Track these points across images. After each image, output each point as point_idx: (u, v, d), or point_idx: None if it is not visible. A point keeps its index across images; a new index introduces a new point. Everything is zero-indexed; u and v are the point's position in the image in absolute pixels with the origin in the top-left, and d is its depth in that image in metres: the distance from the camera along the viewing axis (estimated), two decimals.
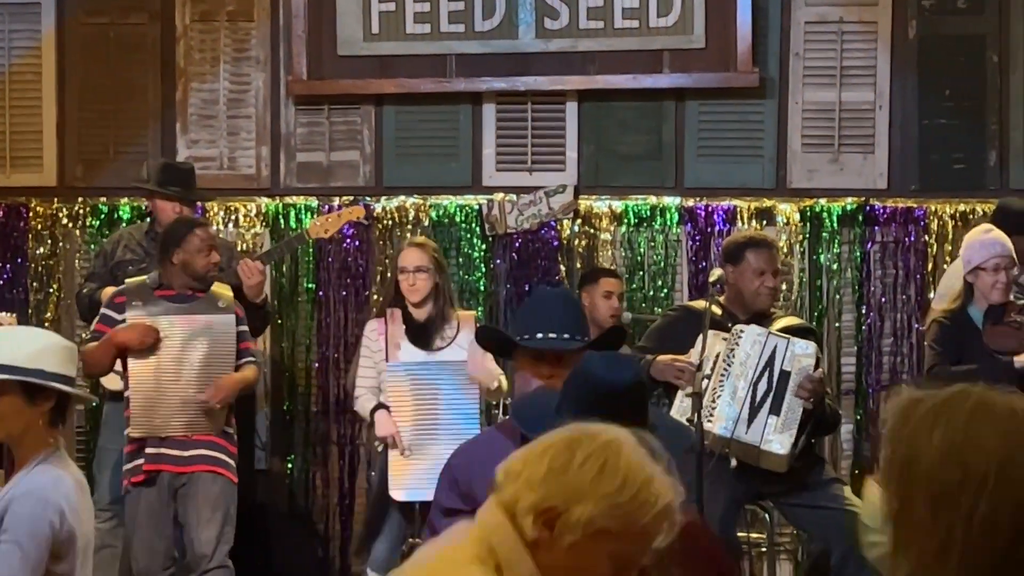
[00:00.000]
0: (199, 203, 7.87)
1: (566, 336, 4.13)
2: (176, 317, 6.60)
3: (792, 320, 6.49)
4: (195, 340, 6.59)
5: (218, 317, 6.65)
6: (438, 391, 6.74)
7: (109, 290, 6.99)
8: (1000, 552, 2.04)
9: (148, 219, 7.66)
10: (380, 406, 6.77)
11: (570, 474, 2.37)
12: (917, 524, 2.08)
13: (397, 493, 6.63)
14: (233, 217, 8.39)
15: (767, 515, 6.66)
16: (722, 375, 6.04)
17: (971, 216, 7.86)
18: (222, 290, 6.77)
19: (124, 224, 8.21)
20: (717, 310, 6.11)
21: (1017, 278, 6.90)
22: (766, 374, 6.05)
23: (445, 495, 3.98)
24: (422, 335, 6.81)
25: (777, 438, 5.95)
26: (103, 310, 6.74)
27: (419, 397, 6.70)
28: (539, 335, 4.13)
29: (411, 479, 6.60)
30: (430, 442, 6.61)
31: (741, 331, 6.11)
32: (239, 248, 8.21)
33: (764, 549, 6.95)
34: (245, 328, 6.76)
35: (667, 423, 3.88)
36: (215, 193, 8.18)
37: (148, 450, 6.52)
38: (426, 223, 8.28)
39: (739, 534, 6.45)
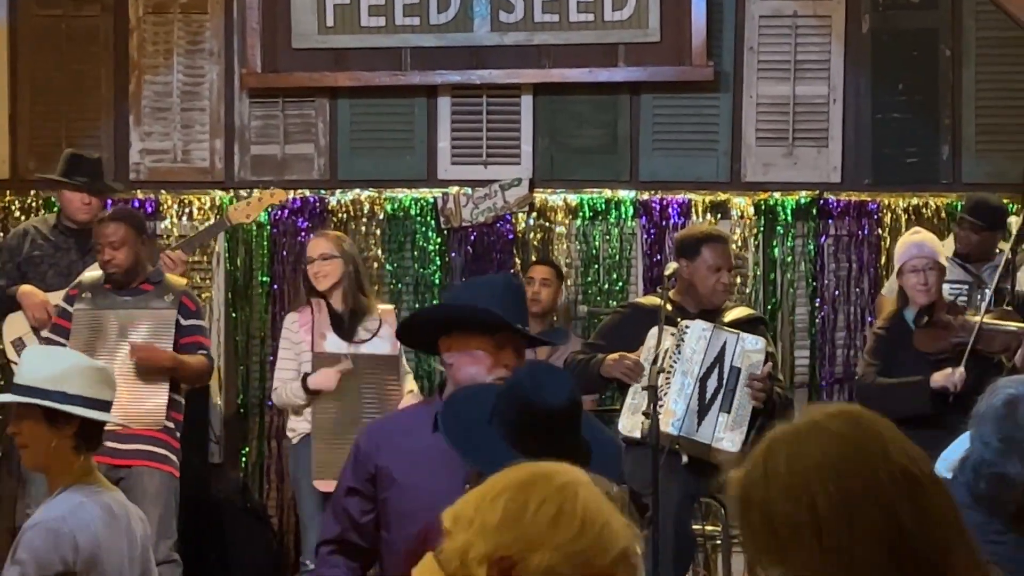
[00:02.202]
0: (110, 196, 7.79)
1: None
2: (119, 311, 6.57)
3: (743, 311, 6.50)
4: (133, 333, 6.55)
5: (158, 312, 6.61)
6: (361, 382, 6.76)
7: (27, 288, 6.97)
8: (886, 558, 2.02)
9: (57, 212, 7.57)
10: (306, 375, 6.74)
11: (525, 521, 2.24)
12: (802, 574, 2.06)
13: (321, 484, 6.61)
14: (187, 210, 8.36)
15: (722, 508, 6.68)
16: (669, 371, 6.04)
17: (924, 210, 7.89)
18: (174, 282, 6.73)
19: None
20: (668, 305, 6.10)
21: (981, 274, 6.94)
22: (716, 370, 6.05)
23: (350, 474, 3.94)
24: (344, 326, 6.81)
25: (728, 436, 5.95)
26: (60, 303, 6.72)
27: (344, 387, 6.70)
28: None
29: (335, 469, 6.57)
30: (354, 432, 6.60)
31: (687, 326, 6.12)
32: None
33: (719, 541, 6.97)
34: (197, 322, 6.72)
35: (599, 436, 3.72)
36: (169, 186, 8.17)
37: None
38: (381, 216, 8.26)
39: (694, 527, 6.46)
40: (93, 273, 6.76)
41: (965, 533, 2.07)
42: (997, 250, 6.88)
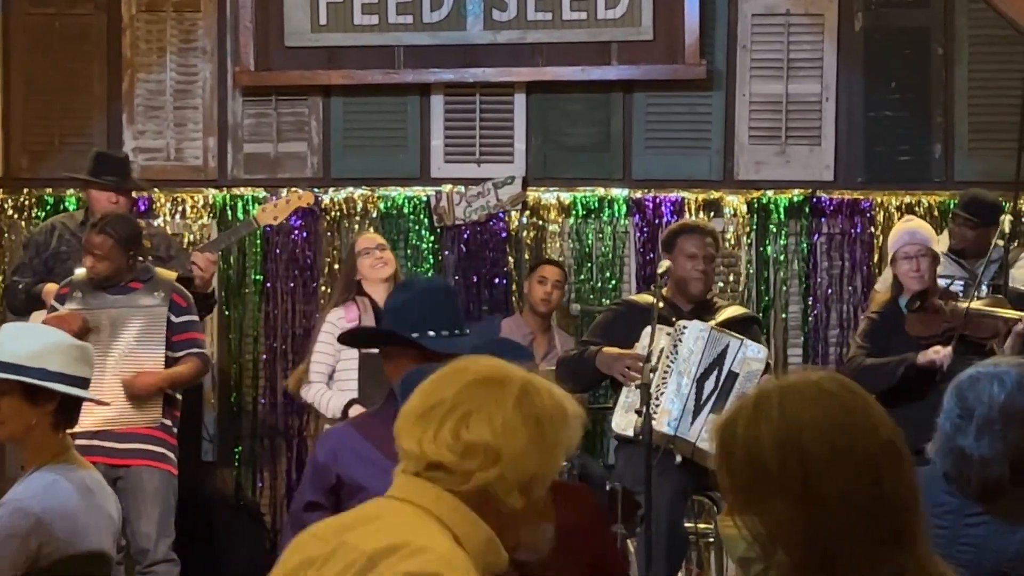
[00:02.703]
0: (137, 193, 7.80)
1: (456, 332, 3.94)
2: (110, 310, 6.57)
3: (736, 310, 6.51)
4: (124, 332, 6.55)
5: (149, 309, 6.61)
6: None
7: (53, 286, 6.95)
8: (863, 522, 2.08)
9: (84, 209, 7.59)
10: (352, 402, 6.72)
11: (547, 433, 2.35)
12: (780, 521, 2.10)
13: None
14: (180, 208, 8.36)
15: (715, 505, 6.68)
16: (666, 371, 6.05)
17: (916, 208, 7.90)
18: (165, 278, 6.72)
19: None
20: (660, 304, 6.11)
21: (976, 269, 6.95)
22: (714, 372, 6.06)
23: (308, 488, 3.92)
24: None
25: None
26: (52, 302, 6.71)
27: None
28: (431, 333, 3.91)
29: None
30: None
31: (684, 327, 6.13)
32: (186, 240, 8.19)
33: (712, 540, 6.98)
34: (189, 318, 6.70)
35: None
36: (162, 184, 8.17)
37: (77, 441, 6.48)
38: (374, 214, 8.26)
39: (687, 524, 6.47)
40: (83, 271, 6.76)
41: (924, 515, 2.15)
42: (993, 245, 6.89)
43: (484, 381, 2.37)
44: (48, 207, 8.37)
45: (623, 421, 6.00)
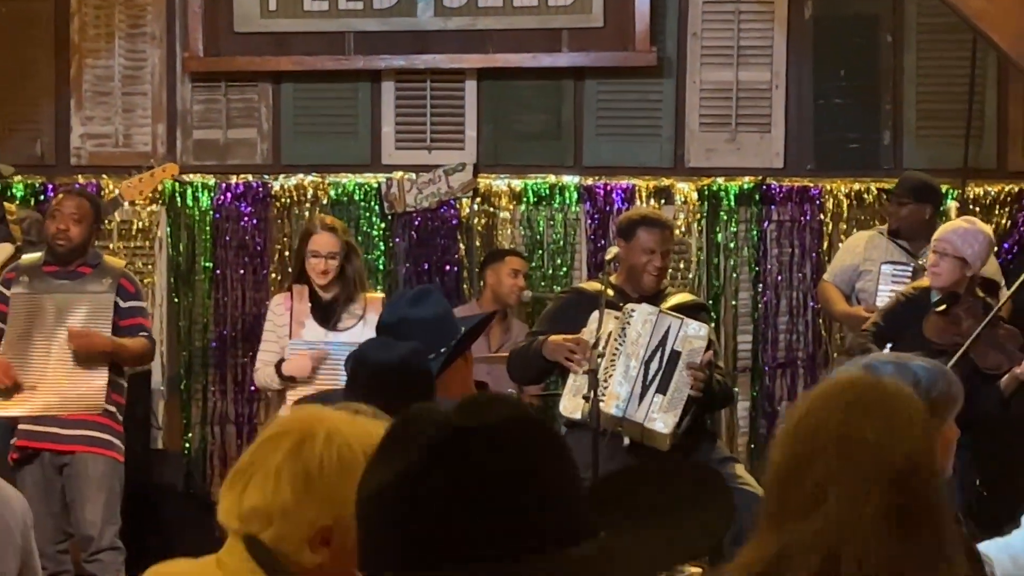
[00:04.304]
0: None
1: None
2: (56, 295, 6.53)
3: (685, 297, 6.51)
4: (69, 318, 6.52)
5: (96, 295, 6.58)
6: (339, 370, 6.68)
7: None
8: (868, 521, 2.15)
9: None
10: (281, 361, 6.68)
11: (318, 486, 2.24)
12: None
13: None
14: None
15: None
16: (614, 354, 6.05)
17: (866, 195, 7.93)
18: (112, 265, 6.69)
19: (17, 202, 8.09)
20: (609, 290, 6.11)
21: (919, 255, 6.94)
22: (658, 353, 6.06)
23: None
24: (327, 314, 6.72)
25: (661, 417, 5.96)
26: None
27: (320, 375, 6.65)
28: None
29: None
30: None
31: (633, 310, 6.12)
32: (135, 227, 8.16)
33: None
34: (137, 304, 6.66)
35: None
36: (111, 171, 8.14)
37: (21, 426, 6.47)
38: (325, 201, 8.24)
39: None
40: (31, 256, 6.72)
41: None
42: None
43: (269, 438, 2.32)
44: None
45: (571, 405, 6.00)
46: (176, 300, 8.28)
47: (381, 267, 8.21)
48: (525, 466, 1.44)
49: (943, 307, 6.36)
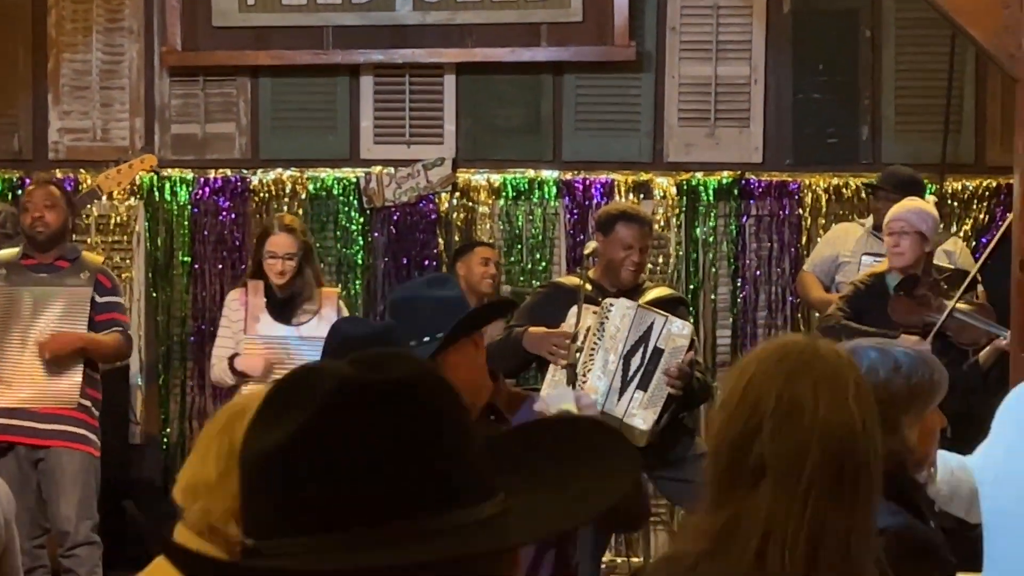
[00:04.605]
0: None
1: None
2: (33, 288, 6.52)
3: (663, 291, 6.52)
4: (46, 312, 6.50)
5: (73, 289, 6.57)
6: (294, 365, 6.65)
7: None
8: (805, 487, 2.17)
9: None
10: (235, 355, 6.66)
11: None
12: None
13: None
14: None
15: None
16: (592, 348, 6.05)
17: (844, 190, 7.94)
18: (91, 260, 6.68)
19: None
20: (587, 285, 6.11)
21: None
22: (640, 349, 6.06)
23: None
24: (283, 309, 6.70)
25: (641, 413, 5.97)
26: None
27: (275, 370, 6.63)
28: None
29: None
30: None
31: (611, 305, 6.13)
32: (112, 221, 8.14)
33: None
34: (113, 299, 6.66)
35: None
36: (89, 165, 8.10)
37: None
38: (303, 196, 8.22)
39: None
40: (9, 251, 6.71)
41: None
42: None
43: (211, 419, 2.45)
44: None
45: None
46: (154, 295, 8.26)
47: (360, 262, 8.20)
48: (428, 423, 1.38)
49: (906, 289, 6.39)
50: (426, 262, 8.20)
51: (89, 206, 7.74)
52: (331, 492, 1.35)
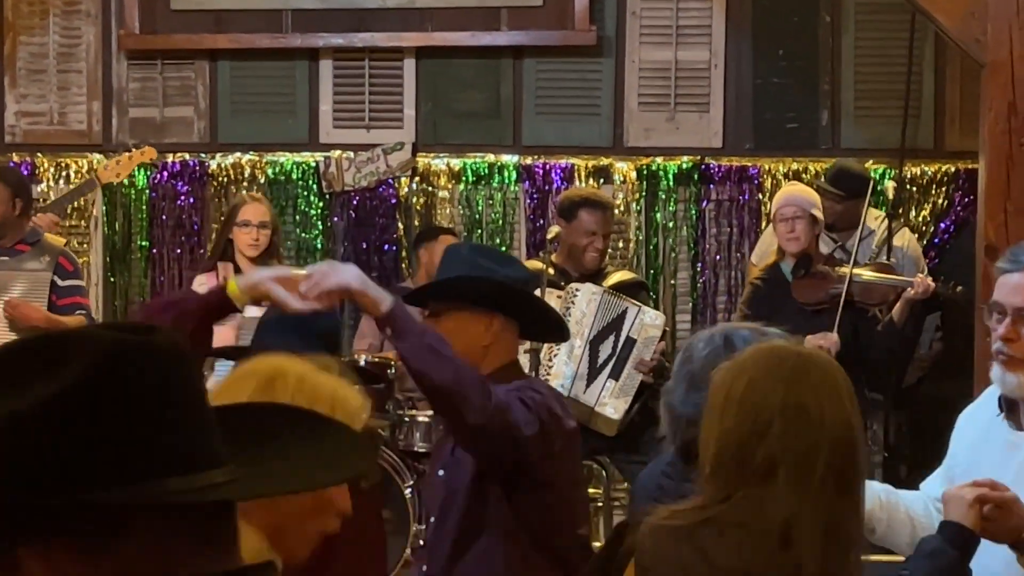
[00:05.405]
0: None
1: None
2: None
3: (625, 275, 6.53)
4: (7, 294, 6.45)
5: (33, 273, 6.52)
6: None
7: None
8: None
9: None
10: None
11: None
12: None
13: None
14: (64, 173, 8.22)
15: (603, 471, 6.70)
16: None
17: (804, 175, 7.96)
18: (52, 243, 6.63)
19: None
20: (550, 269, 6.11)
21: (846, 243, 6.99)
22: (611, 336, 6.07)
23: None
24: None
25: (612, 403, 5.98)
26: None
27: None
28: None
29: None
30: None
31: (576, 289, 6.13)
32: (71, 206, 8.07)
33: (600, 504, 7.00)
34: (75, 282, 6.61)
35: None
36: (45, 149, 8.05)
37: None
38: (262, 180, 8.19)
39: None
40: None
41: None
42: (863, 219, 6.91)
43: (235, 379, 2.41)
44: None
45: None
46: (112, 279, 8.21)
47: (319, 246, 8.17)
48: (169, 388, 1.37)
49: (803, 271, 6.49)
50: (386, 247, 8.18)
51: (85, 195, 7.71)
52: (97, 451, 1.33)
